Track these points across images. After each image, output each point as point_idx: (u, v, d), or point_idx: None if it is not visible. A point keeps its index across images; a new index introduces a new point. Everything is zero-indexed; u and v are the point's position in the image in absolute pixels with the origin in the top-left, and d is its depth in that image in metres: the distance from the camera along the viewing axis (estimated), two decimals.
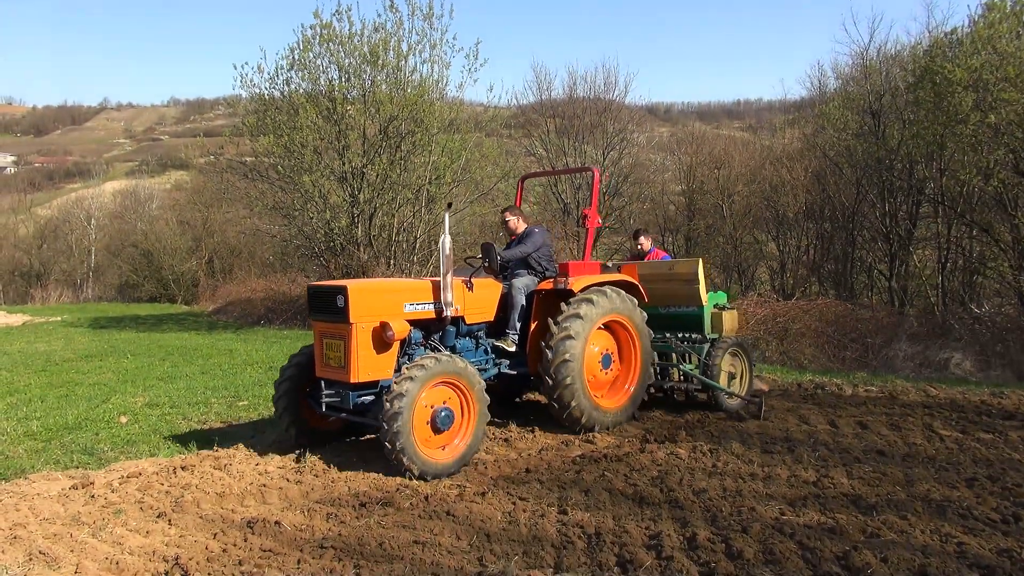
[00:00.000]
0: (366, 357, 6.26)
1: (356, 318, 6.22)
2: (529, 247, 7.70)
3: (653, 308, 8.40)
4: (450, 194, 19.93)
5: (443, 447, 6.24)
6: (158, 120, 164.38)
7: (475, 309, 7.23)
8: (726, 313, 8.55)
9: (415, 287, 6.80)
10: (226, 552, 4.61)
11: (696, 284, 8.28)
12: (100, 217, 47.87)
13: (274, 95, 20.08)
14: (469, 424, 6.37)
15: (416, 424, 5.98)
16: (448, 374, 6.19)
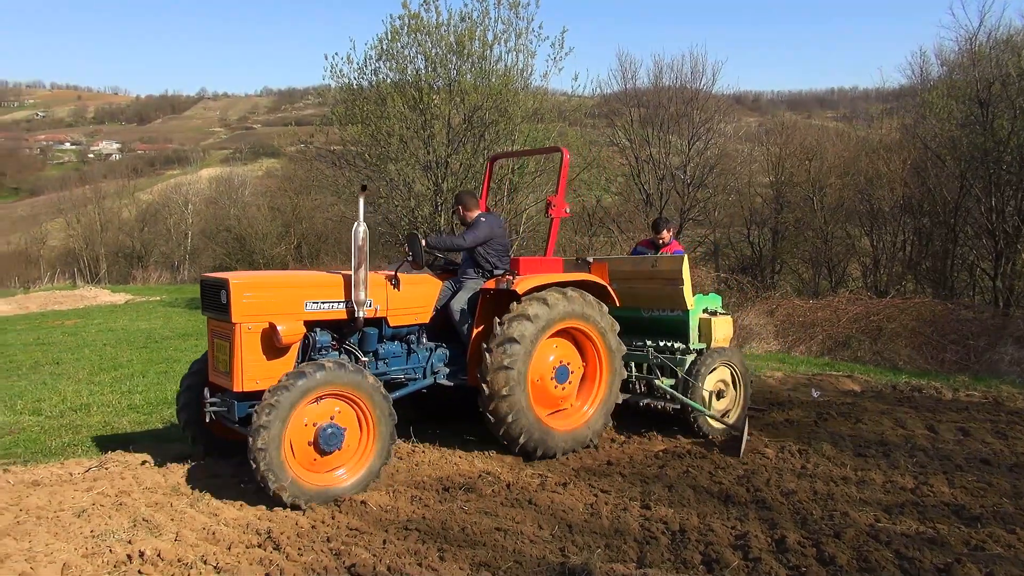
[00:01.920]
0: (253, 363, 5.41)
1: (240, 317, 5.38)
2: (468, 238, 6.63)
3: (635, 311, 7.53)
4: (532, 184, 19.91)
5: (334, 469, 5.36)
6: (251, 109, 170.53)
7: (402, 309, 6.29)
8: (717, 320, 7.34)
9: (320, 282, 5.91)
10: (315, 528, 4.76)
11: (680, 284, 7.06)
12: (196, 202, 50.08)
13: (362, 85, 20.45)
14: (368, 444, 5.43)
15: (295, 442, 5.14)
16: (338, 385, 5.26)
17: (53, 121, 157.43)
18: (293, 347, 5.59)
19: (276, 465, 4.97)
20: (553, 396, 6.50)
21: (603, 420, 6.72)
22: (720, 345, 7.30)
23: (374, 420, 5.42)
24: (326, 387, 5.21)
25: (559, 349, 6.55)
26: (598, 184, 21.68)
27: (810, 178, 24.46)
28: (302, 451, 5.20)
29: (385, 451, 5.48)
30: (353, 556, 4.25)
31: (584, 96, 21.58)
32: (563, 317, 6.36)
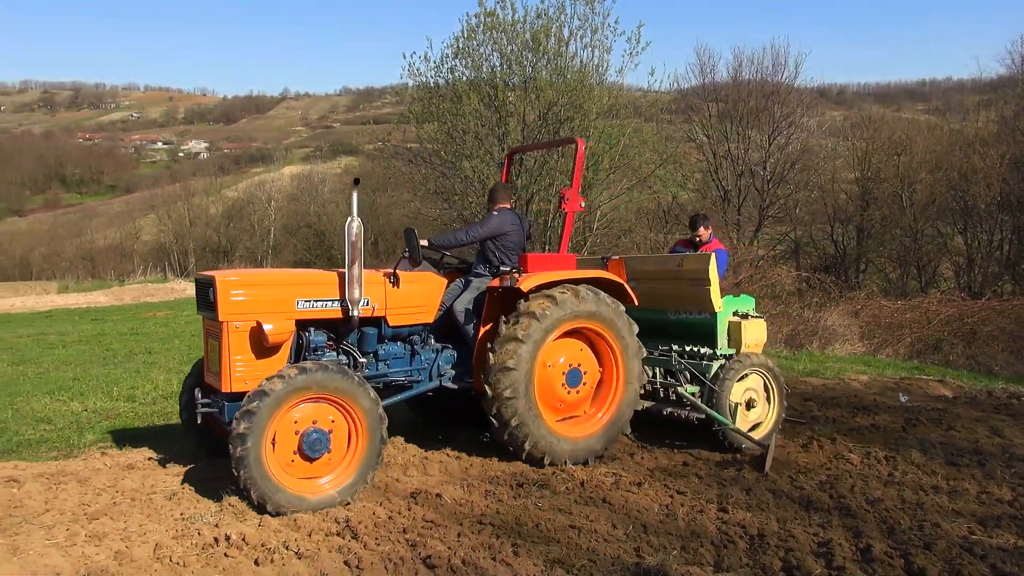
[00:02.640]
0: (241, 363, 5.26)
1: (227, 315, 5.23)
2: (471, 233, 6.39)
3: (662, 313, 7.08)
4: (607, 180, 19.78)
5: (319, 477, 5.12)
6: (331, 108, 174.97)
7: (402, 308, 6.01)
8: (748, 323, 6.79)
9: (312, 280, 5.73)
10: (391, 519, 4.84)
11: (706, 285, 6.54)
12: (279, 199, 51.77)
13: (439, 83, 20.70)
14: (357, 450, 5.17)
15: (278, 449, 4.95)
16: (321, 388, 5.01)
17: (146, 122, 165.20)
18: (284, 347, 5.42)
19: (258, 473, 4.78)
20: (564, 401, 6.14)
21: (619, 424, 6.29)
22: (751, 351, 6.77)
23: (362, 424, 5.14)
24: (308, 391, 4.96)
25: (572, 351, 6.17)
26: (674, 180, 21.35)
27: (899, 174, 23.52)
28: (286, 457, 4.99)
29: (375, 456, 5.19)
30: (428, 548, 4.31)
31: (660, 91, 21.30)
32: (573, 316, 5.98)
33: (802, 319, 14.93)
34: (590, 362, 6.26)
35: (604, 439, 6.19)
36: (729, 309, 6.84)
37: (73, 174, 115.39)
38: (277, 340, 5.28)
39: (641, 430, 6.95)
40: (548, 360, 6.02)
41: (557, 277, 6.08)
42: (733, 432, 6.43)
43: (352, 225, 5.46)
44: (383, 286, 5.89)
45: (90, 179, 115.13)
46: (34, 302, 29.20)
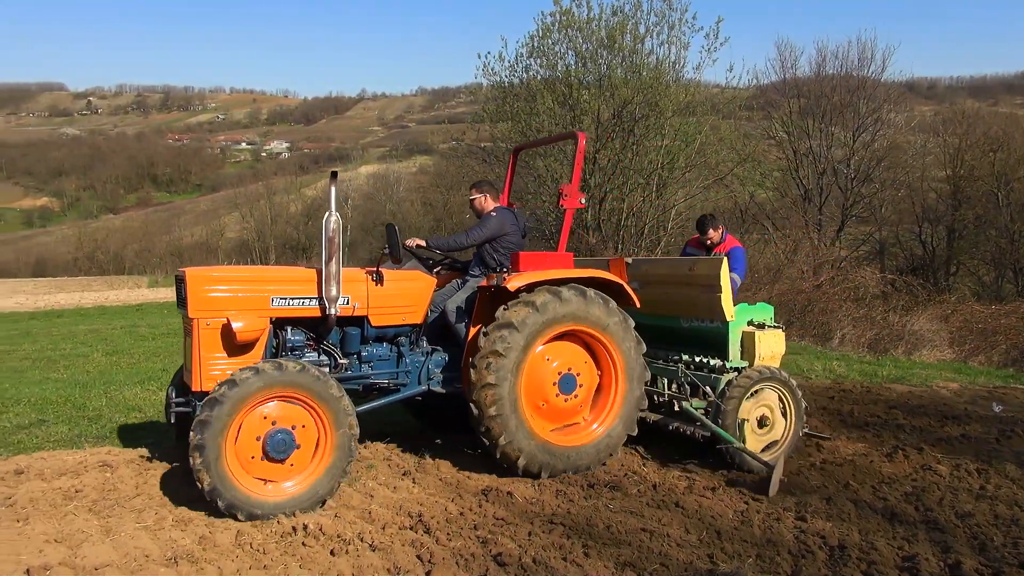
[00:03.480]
0: (211, 361, 5.08)
1: (196, 312, 5.07)
2: (471, 235, 6.10)
3: (675, 320, 6.62)
4: (682, 179, 19.50)
5: (284, 480, 4.87)
6: (407, 108, 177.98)
7: (385, 307, 5.74)
8: (763, 334, 6.26)
9: (288, 277, 5.52)
10: (463, 516, 4.88)
11: (717, 292, 6.05)
12: (355, 197, 52.98)
13: (513, 82, 20.81)
14: (324, 452, 4.92)
15: (240, 448, 4.73)
16: (287, 387, 4.77)
17: (231, 123, 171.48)
18: (257, 345, 5.24)
19: (220, 481, 4.57)
20: (559, 409, 5.79)
21: (619, 435, 5.91)
22: (766, 364, 6.26)
23: (331, 427, 4.90)
24: (266, 391, 4.72)
25: (565, 355, 5.81)
26: (752, 179, 20.85)
27: (995, 171, 22.38)
28: (249, 461, 4.77)
29: (341, 463, 4.94)
30: (499, 545, 4.33)
31: (739, 88, 20.85)
32: (558, 320, 5.58)
33: (886, 323, 14.36)
34: (585, 366, 5.89)
35: (605, 446, 5.84)
36: (743, 318, 6.36)
37: (163, 174, 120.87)
38: (247, 338, 5.09)
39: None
40: (538, 367, 5.67)
41: (545, 277, 5.68)
42: (739, 451, 5.89)
43: (330, 220, 5.24)
44: (365, 284, 5.64)
45: (179, 178, 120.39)
46: (127, 295, 30.77)
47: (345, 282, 5.46)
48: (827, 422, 7.45)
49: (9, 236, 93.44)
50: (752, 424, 6.10)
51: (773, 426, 6.21)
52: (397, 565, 4.13)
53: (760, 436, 6.16)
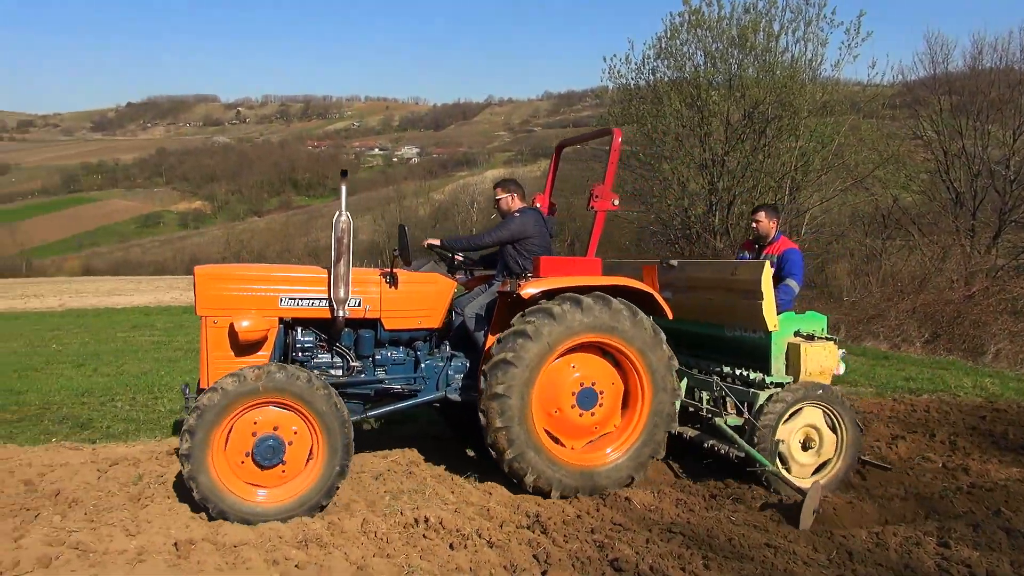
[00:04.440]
0: (219, 360, 5.04)
1: (204, 310, 5.05)
2: (491, 236, 5.90)
3: (718, 328, 6.20)
4: (817, 182, 18.63)
5: (275, 487, 4.79)
6: (532, 113, 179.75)
7: (400, 310, 5.54)
8: (811, 346, 5.70)
9: (299, 276, 5.40)
10: (580, 518, 4.87)
11: (758, 299, 5.55)
12: (481, 201, 53.88)
13: (639, 84, 20.60)
14: (316, 460, 4.81)
15: (229, 455, 4.68)
16: (273, 393, 4.67)
17: (365, 130, 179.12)
18: (266, 345, 5.18)
19: (209, 491, 4.57)
20: (578, 426, 5.46)
21: (644, 456, 5.50)
22: (813, 379, 5.70)
23: (322, 435, 4.79)
24: (251, 398, 4.65)
25: (587, 367, 5.47)
26: (896, 181, 19.60)
27: None
28: (238, 468, 4.71)
29: (331, 471, 4.80)
30: (616, 551, 4.28)
31: (881, 85, 19.66)
32: (576, 331, 5.24)
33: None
34: (609, 380, 5.53)
35: (627, 468, 5.44)
36: (789, 328, 5.83)
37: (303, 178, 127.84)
38: (253, 337, 5.04)
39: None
40: (555, 379, 5.37)
41: (563, 284, 5.36)
42: (772, 475, 5.38)
43: (339, 220, 5.12)
44: (378, 286, 5.47)
45: (316, 183, 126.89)
46: None
47: (357, 283, 5.35)
48: (977, 443, 6.89)
49: (167, 237, 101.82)
50: (794, 446, 5.61)
51: (821, 448, 5.67)
52: (513, 563, 4.16)
53: (805, 459, 5.65)
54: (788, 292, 6.22)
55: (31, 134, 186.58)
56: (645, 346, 5.42)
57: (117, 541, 4.26)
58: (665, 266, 6.36)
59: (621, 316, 5.35)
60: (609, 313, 5.31)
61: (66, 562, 3.98)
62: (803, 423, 5.61)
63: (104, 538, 4.30)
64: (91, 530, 4.42)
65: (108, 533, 4.38)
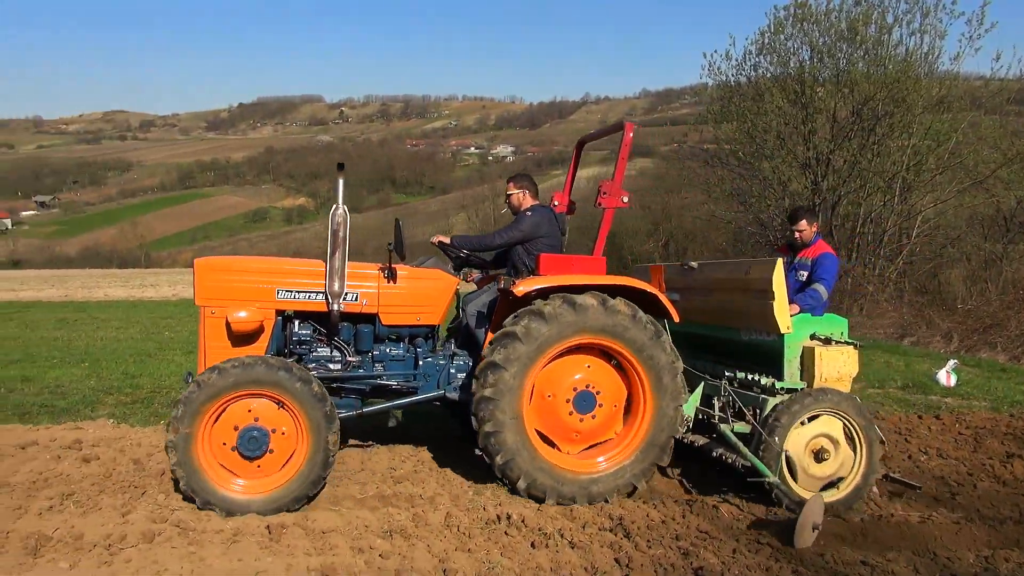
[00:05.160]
0: (217, 350, 5.06)
1: (203, 300, 5.11)
2: (502, 236, 5.74)
3: (733, 332, 5.88)
4: (932, 182, 17.63)
5: (259, 478, 4.75)
6: (629, 111, 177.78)
7: (398, 306, 5.46)
8: (827, 350, 5.32)
9: (296, 269, 5.37)
10: (665, 524, 4.76)
11: (770, 299, 5.21)
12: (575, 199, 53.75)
13: (740, 81, 20.04)
14: (300, 451, 4.74)
15: (214, 445, 4.68)
16: (259, 384, 4.65)
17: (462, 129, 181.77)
18: (262, 337, 5.20)
19: (196, 482, 4.59)
20: (576, 431, 5.26)
21: (645, 464, 5.26)
22: (829, 386, 5.29)
23: (306, 426, 4.73)
24: (233, 391, 4.63)
25: (586, 370, 5.27)
26: (1021, 182, 18.29)
27: None
28: (223, 458, 4.70)
29: (318, 462, 4.72)
30: (701, 559, 4.16)
31: (1006, 79, 18.37)
32: (570, 333, 5.04)
33: None
34: (609, 383, 5.31)
35: (629, 475, 5.21)
36: (804, 331, 5.47)
37: (401, 176, 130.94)
38: (246, 328, 5.06)
39: (970, 462, 6.07)
40: (550, 382, 5.21)
41: (559, 282, 5.17)
42: (776, 487, 5.01)
43: (336, 213, 5.09)
44: (376, 281, 5.42)
45: (414, 181, 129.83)
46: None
47: (354, 278, 5.34)
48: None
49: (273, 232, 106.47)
50: (805, 456, 5.17)
51: (835, 461, 5.21)
52: (594, 565, 4.11)
53: (817, 472, 5.19)
54: (815, 297, 5.89)
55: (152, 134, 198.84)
56: (646, 348, 5.18)
57: (215, 521, 4.48)
58: (686, 268, 6.17)
59: (618, 316, 5.11)
60: (604, 312, 5.08)
61: (167, 538, 4.20)
62: (817, 432, 5.18)
63: (203, 517, 4.53)
64: (191, 509, 4.65)
65: (207, 513, 4.60)
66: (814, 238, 6.30)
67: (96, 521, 4.43)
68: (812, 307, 5.82)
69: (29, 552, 3.99)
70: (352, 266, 5.33)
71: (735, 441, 5.14)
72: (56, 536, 4.18)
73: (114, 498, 4.90)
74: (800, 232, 6.25)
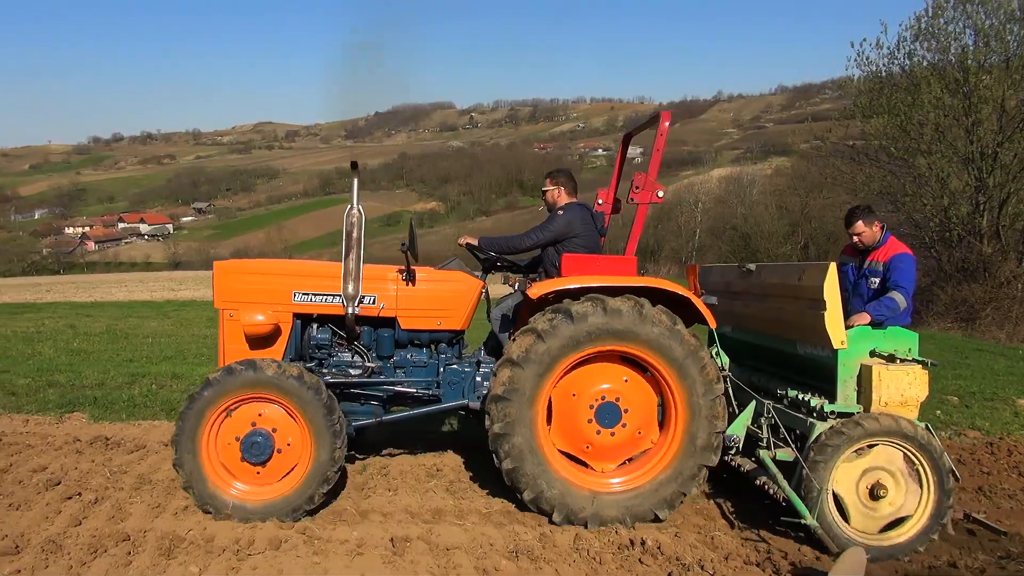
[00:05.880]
0: (235, 352, 5.00)
1: (221, 303, 5.09)
2: (531, 238, 5.34)
3: (790, 344, 5.09)
4: None
5: (260, 484, 4.63)
6: (764, 108, 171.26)
7: (418, 310, 5.21)
8: (888, 370, 4.51)
9: (313, 271, 5.25)
10: (819, 560, 4.26)
11: (820, 309, 4.52)
12: (706, 201, 52.11)
13: (892, 71, 18.65)
14: (306, 458, 4.59)
15: (219, 447, 4.60)
16: (263, 387, 4.52)
17: (590, 131, 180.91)
18: (280, 340, 5.12)
19: (208, 497, 4.54)
20: (599, 445, 4.80)
21: (669, 490, 4.70)
22: (889, 412, 4.51)
23: (309, 431, 4.58)
24: (248, 389, 4.54)
25: (614, 380, 4.82)
26: None
27: None
28: (225, 461, 4.62)
29: (321, 468, 4.55)
30: None
31: None
32: (595, 336, 4.58)
33: None
34: (640, 395, 4.83)
35: (649, 503, 4.68)
36: (863, 346, 4.70)
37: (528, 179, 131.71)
38: (260, 331, 5.00)
39: None
40: (572, 389, 4.81)
41: (578, 283, 4.76)
42: (815, 531, 4.33)
43: (351, 213, 4.95)
44: (395, 284, 5.21)
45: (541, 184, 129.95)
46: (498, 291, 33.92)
47: (372, 280, 5.15)
48: None
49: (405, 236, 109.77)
50: (857, 493, 4.46)
51: (896, 498, 4.46)
52: None
53: (873, 511, 4.47)
54: (891, 307, 5.12)
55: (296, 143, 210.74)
56: (677, 360, 4.65)
57: (340, 530, 4.40)
58: (744, 270, 5.61)
59: (651, 321, 4.62)
60: (636, 317, 4.61)
61: (293, 546, 4.15)
62: (872, 465, 4.47)
63: (328, 526, 4.47)
64: (319, 516, 4.61)
65: (332, 522, 4.54)
66: (883, 237, 5.49)
67: (228, 524, 4.46)
68: (886, 318, 5.06)
69: (163, 553, 4.04)
70: (369, 268, 5.20)
71: (774, 471, 4.56)
72: (189, 538, 4.23)
73: None
74: (859, 235, 5.48)
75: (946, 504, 4.46)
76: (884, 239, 5.48)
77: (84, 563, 3.93)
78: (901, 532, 4.47)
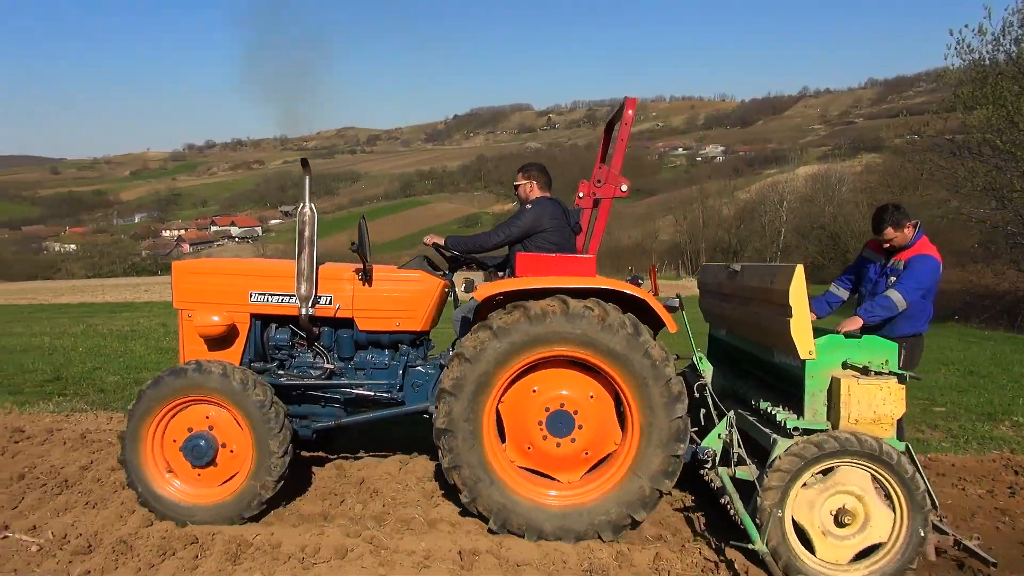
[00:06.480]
0: (194, 353, 4.98)
1: (179, 303, 5.09)
2: (497, 235, 5.00)
3: (767, 351, 4.63)
4: None
5: (205, 486, 4.57)
6: (853, 103, 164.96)
7: (375, 310, 5.03)
8: (859, 384, 4.01)
9: (268, 271, 5.13)
10: None
11: (786, 316, 4.06)
12: (791, 200, 50.40)
13: (997, 59, 17.48)
14: (248, 460, 4.48)
15: (164, 448, 4.57)
16: (201, 390, 4.46)
17: (669, 130, 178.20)
18: (237, 341, 5.04)
19: (137, 476, 4.53)
20: (553, 456, 4.48)
21: (633, 496, 4.31)
22: (858, 430, 4.01)
23: (250, 433, 4.48)
24: (187, 392, 4.49)
25: (565, 386, 4.48)
26: None
27: None
28: (170, 461, 4.59)
29: (266, 470, 4.45)
30: None
31: None
32: (530, 345, 4.25)
33: None
34: (592, 401, 4.48)
35: (607, 511, 4.33)
36: (834, 357, 4.20)
37: None
38: (214, 332, 4.94)
39: None
40: (513, 401, 4.51)
41: (523, 285, 4.42)
42: (764, 557, 3.92)
43: (303, 211, 4.81)
44: (351, 284, 5.03)
45: None
46: None
47: (328, 280, 5.00)
48: None
49: None
50: (821, 520, 4.02)
51: (866, 526, 4.01)
52: None
53: (840, 540, 4.02)
54: (886, 306, 4.72)
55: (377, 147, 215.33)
56: (627, 358, 4.27)
57: (407, 540, 4.26)
58: (729, 271, 5.19)
59: (586, 322, 4.25)
60: (567, 319, 4.26)
61: (359, 556, 4.03)
62: (838, 488, 4.03)
63: (395, 535, 4.33)
64: (386, 524, 4.50)
65: (400, 530, 4.41)
66: (915, 237, 4.99)
67: (294, 530, 4.38)
68: (877, 317, 4.65)
69: (230, 558, 3.99)
70: (326, 268, 5.08)
71: (731, 489, 4.20)
72: (256, 543, 4.17)
73: (314, 505, 4.89)
74: (890, 241, 5.01)
75: (923, 530, 4.00)
76: (916, 239, 5.01)
77: (152, 565, 3.92)
78: (874, 561, 4.06)
